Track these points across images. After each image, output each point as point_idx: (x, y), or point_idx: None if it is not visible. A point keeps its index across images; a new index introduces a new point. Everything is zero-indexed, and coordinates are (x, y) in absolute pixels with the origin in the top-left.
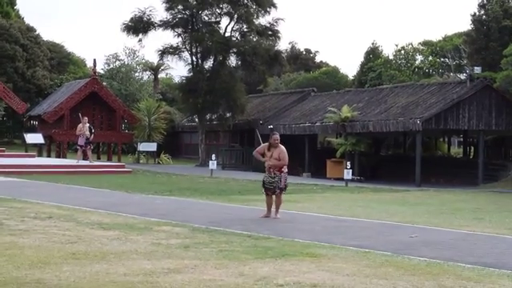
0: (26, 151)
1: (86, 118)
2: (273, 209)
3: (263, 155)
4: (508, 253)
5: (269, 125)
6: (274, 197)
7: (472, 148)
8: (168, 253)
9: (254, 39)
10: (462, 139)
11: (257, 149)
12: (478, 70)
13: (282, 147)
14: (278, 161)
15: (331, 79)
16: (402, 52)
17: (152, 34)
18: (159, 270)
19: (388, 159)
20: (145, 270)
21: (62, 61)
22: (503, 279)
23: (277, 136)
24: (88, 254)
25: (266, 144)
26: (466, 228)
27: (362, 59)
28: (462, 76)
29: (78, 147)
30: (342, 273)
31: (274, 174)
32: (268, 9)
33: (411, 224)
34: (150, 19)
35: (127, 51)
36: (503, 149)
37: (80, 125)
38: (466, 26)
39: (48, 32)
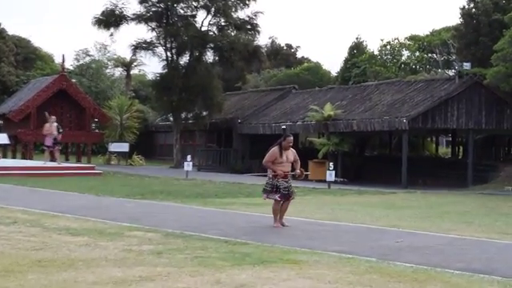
0: None
1: (54, 117)
2: (285, 217)
3: (273, 162)
4: (498, 258)
5: (283, 125)
6: (280, 203)
7: (461, 148)
8: (140, 260)
9: (232, 34)
10: (450, 139)
11: (267, 157)
12: (467, 65)
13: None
14: (294, 162)
15: (313, 76)
16: (388, 47)
17: (124, 28)
18: (130, 278)
19: (373, 160)
20: (115, 278)
21: (28, 56)
22: (493, 286)
23: (291, 138)
24: (55, 262)
25: (275, 148)
26: (454, 232)
27: (346, 55)
28: (451, 72)
29: (46, 148)
30: (323, 280)
31: (287, 178)
32: (247, 1)
33: (397, 228)
34: (122, 12)
35: (98, 46)
36: (493, 149)
37: (47, 124)
38: (454, 19)
39: (13, 26)
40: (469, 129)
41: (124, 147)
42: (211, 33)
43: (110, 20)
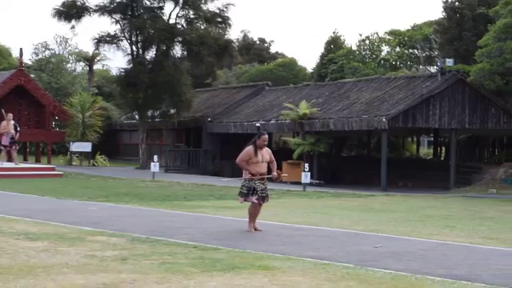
0: None
1: (11, 115)
2: (258, 221)
3: (247, 162)
4: (481, 264)
5: (257, 123)
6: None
7: (443, 148)
8: (103, 266)
9: (202, 27)
10: (432, 139)
11: (242, 156)
12: (450, 62)
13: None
14: (270, 162)
15: (288, 72)
16: (367, 42)
17: (87, 20)
18: (93, 286)
19: (351, 161)
20: (77, 286)
21: None
22: None
23: (266, 136)
24: (12, 268)
25: (250, 147)
26: (435, 237)
27: (322, 50)
28: (433, 69)
29: (2, 147)
30: (298, 287)
31: (264, 179)
32: None
33: (376, 233)
34: (84, 4)
35: (58, 39)
36: (477, 150)
37: (4, 122)
38: (437, 13)
39: None
40: (451, 128)
41: (86, 147)
42: (179, 26)
43: (71, 11)
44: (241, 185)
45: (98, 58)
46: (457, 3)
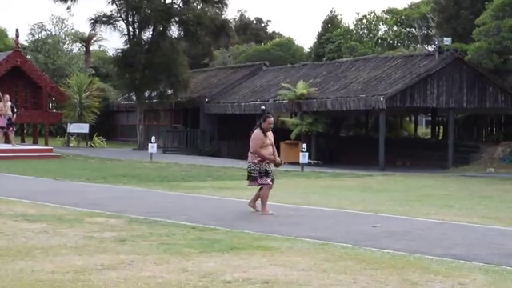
0: None
1: (8, 96)
2: (258, 202)
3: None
4: (480, 243)
5: (262, 106)
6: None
7: (441, 128)
8: (101, 247)
9: (199, 7)
10: (430, 118)
11: (256, 143)
12: (447, 40)
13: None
14: (272, 146)
15: (285, 52)
16: (364, 21)
17: (83, 0)
18: (91, 267)
19: (348, 141)
20: (75, 267)
21: None
22: (474, 272)
23: (272, 119)
24: (11, 250)
25: (258, 131)
26: (434, 216)
27: (320, 29)
28: (430, 48)
29: None
30: (296, 267)
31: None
32: None
33: (374, 212)
34: None
35: (54, 20)
36: (475, 129)
37: (1, 104)
38: None
39: None
40: (449, 108)
41: (84, 128)
42: (176, 6)
43: None
44: (249, 168)
45: (94, 39)
46: None
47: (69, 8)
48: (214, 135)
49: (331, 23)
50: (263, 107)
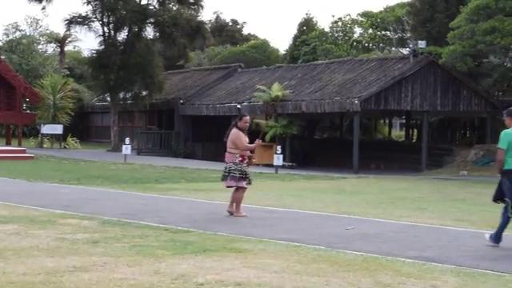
0: None
1: None
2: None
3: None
4: (452, 246)
5: (238, 105)
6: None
7: (415, 131)
8: (74, 249)
9: (174, 8)
10: (404, 121)
11: (241, 141)
12: (422, 44)
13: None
14: None
15: (260, 54)
16: (339, 24)
17: (57, 0)
18: (63, 269)
19: (323, 143)
20: (47, 269)
21: None
22: (446, 275)
23: (248, 117)
24: None
25: (237, 132)
26: (406, 219)
27: (295, 32)
28: (405, 51)
29: None
30: (269, 269)
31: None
32: None
33: (347, 215)
34: None
35: (29, 20)
36: (449, 132)
37: None
38: None
39: None
40: (423, 111)
41: (57, 129)
42: (151, 7)
43: None
44: (229, 169)
45: (69, 40)
46: None
47: (43, 8)
48: (188, 137)
49: (307, 26)
50: (239, 106)
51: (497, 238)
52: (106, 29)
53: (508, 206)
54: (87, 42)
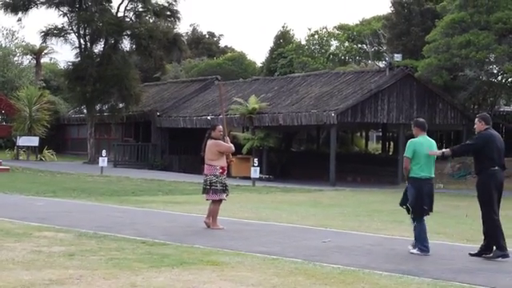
0: None
1: None
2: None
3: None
4: (429, 259)
5: (208, 116)
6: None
7: (391, 143)
8: (50, 262)
9: (151, 20)
10: (380, 134)
11: (225, 146)
12: (398, 57)
13: None
14: None
15: (237, 66)
16: (316, 37)
17: (33, 12)
18: (39, 282)
19: (300, 156)
20: (23, 282)
21: None
22: (423, 287)
23: (221, 126)
24: None
25: (212, 141)
26: (383, 232)
27: (272, 44)
28: (381, 64)
29: None
30: (246, 282)
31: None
32: None
33: (324, 228)
34: None
35: (5, 32)
36: None
37: None
38: (385, 8)
39: None
40: (400, 123)
41: (33, 141)
42: (128, 19)
43: (18, 3)
44: (209, 181)
45: (45, 51)
46: None
47: (19, 20)
48: (165, 149)
49: (283, 38)
50: (209, 117)
51: (424, 246)
52: (82, 41)
53: (410, 210)
54: (63, 54)
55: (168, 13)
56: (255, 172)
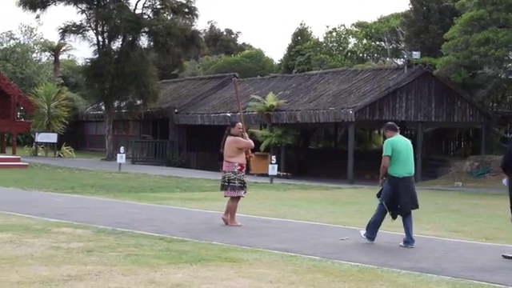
0: None
1: None
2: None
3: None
4: (447, 257)
5: (228, 113)
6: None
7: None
8: (68, 258)
9: (169, 17)
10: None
11: (245, 141)
12: (416, 54)
13: None
14: None
15: (255, 63)
16: (334, 34)
17: (52, 9)
18: (58, 278)
19: (317, 153)
20: (42, 278)
21: None
22: (441, 286)
23: (240, 123)
24: None
25: (231, 138)
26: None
27: (290, 41)
28: (400, 61)
29: None
30: (264, 279)
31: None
32: None
33: (342, 225)
34: None
35: (23, 29)
36: (443, 143)
37: None
38: (403, 6)
39: None
40: (418, 121)
41: (52, 138)
42: (146, 16)
43: (37, 0)
44: (228, 178)
45: (63, 48)
46: None
47: (38, 17)
48: (183, 146)
49: (301, 36)
50: (228, 115)
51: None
52: (100, 38)
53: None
54: (81, 51)
55: (186, 10)
56: (273, 169)
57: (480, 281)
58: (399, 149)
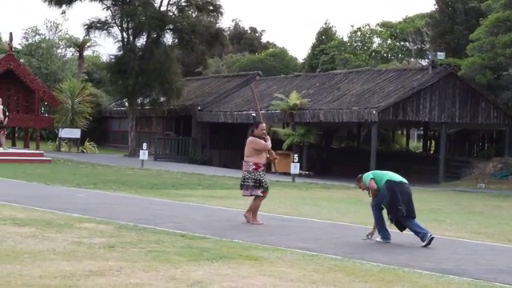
0: None
1: (0, 100)
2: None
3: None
4: (469, 259)
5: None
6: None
7: (433, 142)
8: (90, 253)
9: (193, 15)
10: (422, 132)
11: (261, 143)
12: (441, 55)
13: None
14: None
15: (279, 62)
16: (358, 34)
17: (77, 5)
18: (80, 273)
19: (340, 153)
20: (63, 272)
21: None
22: (463, 287)
23: (264, 125)
24: None
25: (251, 138)
26: None
27: (314, 40)
28: (424, 62)
29: None
30: (285, 278)
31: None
32: None
33: (364, 225)
34: None
35: (49, 24)
36: (467, 144)
37: None
38: (429, 6)
39: None
40: (442, 122)
41: (75, 133)
42: (171, 13)
43: None
44: (243, 177)
45: (88, 44)
46: None
47: (63, 13)
48: (205, 144)
49: (325, 35)
50: (254, 114)
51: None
52: (125, 34)
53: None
54: (106, 47)
55: (210, 7)
56: (295, 168)
57: (502, 283)
58: (378, 173)
